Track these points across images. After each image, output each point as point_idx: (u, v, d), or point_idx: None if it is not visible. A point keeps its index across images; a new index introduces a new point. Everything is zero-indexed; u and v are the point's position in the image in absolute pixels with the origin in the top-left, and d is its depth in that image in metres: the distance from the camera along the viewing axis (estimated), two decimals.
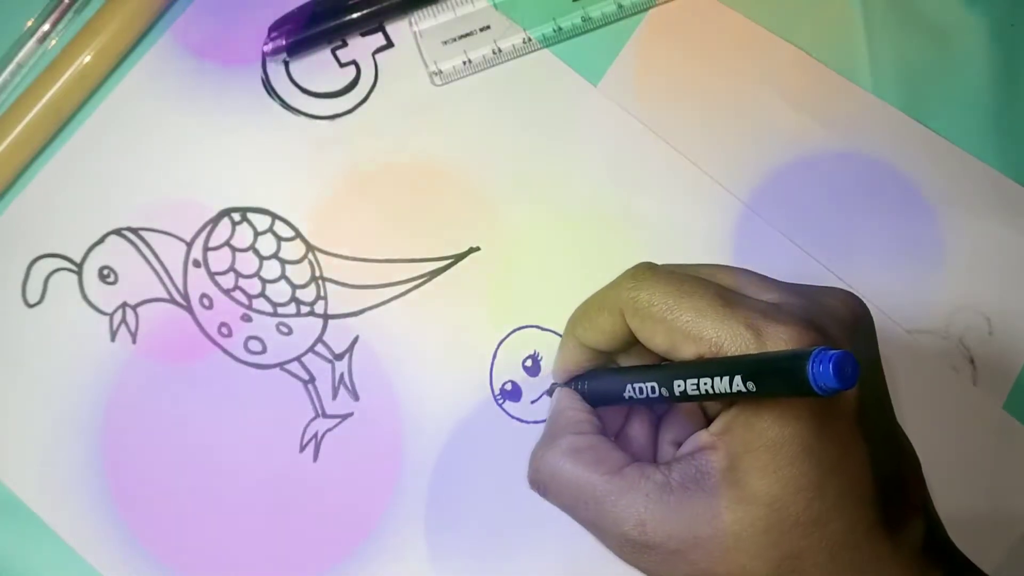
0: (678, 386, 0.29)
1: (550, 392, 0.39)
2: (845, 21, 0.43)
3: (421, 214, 0.41)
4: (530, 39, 0.42)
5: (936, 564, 0.29)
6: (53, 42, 0.41)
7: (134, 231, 0.40)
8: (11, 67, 0.41)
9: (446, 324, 0.40)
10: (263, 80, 0.41)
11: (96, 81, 0.41)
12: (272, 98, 0.41)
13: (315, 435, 0.39)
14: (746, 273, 0.31)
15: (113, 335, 0.40)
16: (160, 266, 0.40)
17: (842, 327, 0.29)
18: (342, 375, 0.40)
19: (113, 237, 0.40)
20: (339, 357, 0.40)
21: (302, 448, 0.39)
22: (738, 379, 0.26)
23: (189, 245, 0.40)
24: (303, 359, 0.40)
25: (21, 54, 0.41)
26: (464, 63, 0.41)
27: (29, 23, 0.41)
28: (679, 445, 0.32)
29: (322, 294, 0.40)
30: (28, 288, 0.40)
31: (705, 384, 0.27)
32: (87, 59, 0.40)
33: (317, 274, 0.40)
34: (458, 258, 0.41)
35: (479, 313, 0.40)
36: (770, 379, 0.25)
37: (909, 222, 0.41)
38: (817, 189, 0.41)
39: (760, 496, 0.27)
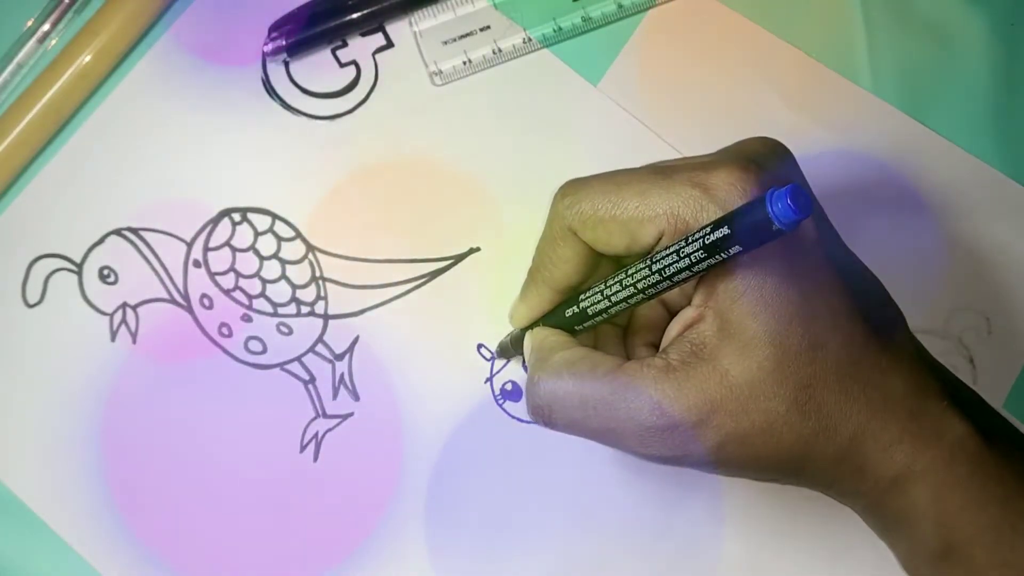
0: (646, 278, 0.29)
1: (499, 353, 0.39)
2: (845, 21, 0.43)
3: (421, 214, 0.41)
4: (530, 39, 0.42)
5: (932, 374, 0.30)
6: (53, 42, 0.41)
7: (134, 231, 0.40)
8: (11, 67, 0.41)
9: (446, 324, 0.40)
10: (263, 80, 0.41)
11: (96, 81, 0.41)
12: (272, 98, 0.41)
13: (315, 435, 0.39)
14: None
15: (113, 335, 0.40)
16: (160, 266, 0.40)
17: (771, 160, 0.30)
18: (342, 375, 0.40)
19: (113, 237, 0.40)
20: (339, 357, 0.40)
21: (302, 448, 0.39)
22: (714, 234, 0.26)
23: (189, 245, 0.40)
24: (303, 359, 0.40)
25: (21, 54, 0.41)
26: (464, 63, 0.41)
27: (29, 23, 0.41)
28: (655, 347, 0.32)
29: (322, 294, 0.40)
30: (28, 288, 0.40)
31: (672, 260, 0.27)
32: (87, 59, 0.40)
33: (317, 274, 0.40)
34: (458, 258, 0.41)
35: (479, 313, 0.40)
36: (741, 236, 0.26)
37: (909, 221, 0.41)
38: (817, 188, 0.41)
39: (759, 337, 0.28)
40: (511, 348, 0.38)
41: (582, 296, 0.32)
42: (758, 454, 0.28)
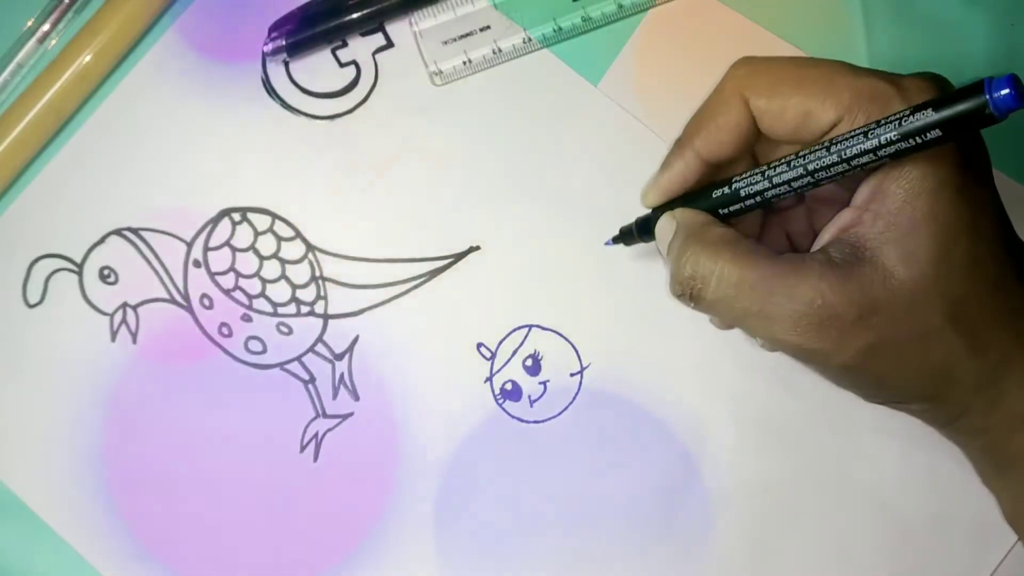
0: (829, 158, 0.27)
1: (620, 237, 0.36)
2: (845, 21, 0.43)
3: (421, 214, 0.41)
4: (530, 39, 0.42)
5: None
6: (53, 42, 0.41)
7: (134, 231, 0.40)
8: (11, 67, 0.41)
9: (446, 324, 0.40)
10: (263, 80, 0.41)
11: (96, 81, 0.41)
12: (272, 98, 0.41)
13: (315, 435, 0.39)
14: None
15: (113, 335, 0.40)
16: (160, 266, 0.40)
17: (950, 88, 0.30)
18: (342, 375, 0.40)
19: (113, 237, 0.40)
20: (339, 357, 0.40)
21: (302, 448, 0.39)
22: (915, 118, 0.25)
23: (189, 245, 0.40)
24: (303, 359, 0.40)
25: (21, 54, 0.41)
26: (464, 63, 0.41)
27: (29, 23, 0.41)
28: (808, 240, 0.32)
29: (322, 294, 0.40)
30: (29, 288, 0.40)
31: (868, 147, 0.26)
32: (87, 59, 0.40)
33: (317, 274, 0.40)
34: (458, 257, 0.41)
35: (479, 313, 0.40)
36: (948, 121, 0.25)
37: None
38: None
39: (927, 246, 0.27)
40: (635, 234, 0.35)
41: (736, 177, 0.30)
42: (906, 365, 0.28)
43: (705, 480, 0.39)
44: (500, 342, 0.40)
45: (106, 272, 0.40)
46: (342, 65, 0.42)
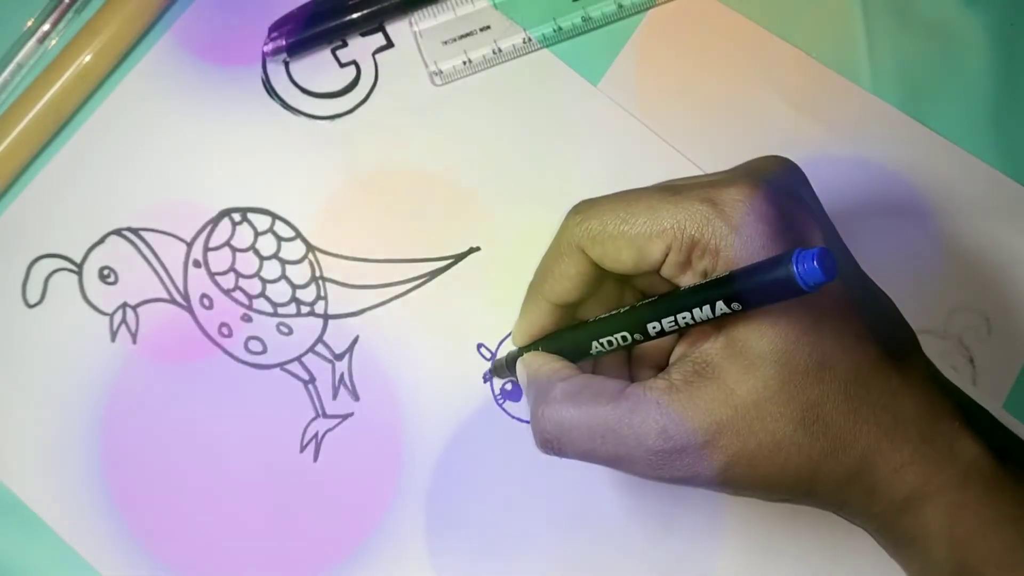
0: (653, 328, 0.29)
1: (494, 371, 0.39)
2: (845, 21, 0.43)
3: (421, 214, 0.41)
4: (530, 39, 0.42)
5: (945, 396, 0.30)
6: (53, 42, 0.41)
7: (134, 231, 0.40)
8: (11, 67, 0.41)
9: (446, 324, 0.40)
10: (263, 80, 0.41)
11: (96, 81, 0.41)
12: (272, 98, 0.41)
13: (315, 435, 0.39)
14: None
15: (113, 335, 0.40)
16: (160, 266, 0.40)
17: (782, 179, 0.30)
18: (342, 375, 0.40)
19: (113, 237, 0.40)
20: (339, 357, 0.40)
21: (302, 448, 0.39)
22: (720, 304, 0.26)
23: (189, 245, 0.40)
24: (303, 359, 0.40)
25: (21, 54, 0.41)
26: (464, 63, 0.41)
27: (29, 23, 0.41)
28: (659, 368, 0.32)
29: (322, 294, 0.40)
30: (28, 288, 0.40)
31: (684, 318, 0.28)
32: (87, 59, 0.40)
33: (317, 274, 0.40)
34: (458, 258, 0.41)
35: (479, 313, 0.40)
36: (755, 295, 0.26)
37: (908, 221, 0.41)
38: (816, 189, 0.42)
39: (765, 356, 0.27)
40: (506, 369, 0.37)
41: (583, 331, 0.32)
42: (766, 474, 0.28)
43: None
44: (500, 342, 0.40)
45: (106, 272, 0.40)
46: (342, 65, 0.42)
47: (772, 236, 0.28)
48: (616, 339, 0.30)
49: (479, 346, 0.40)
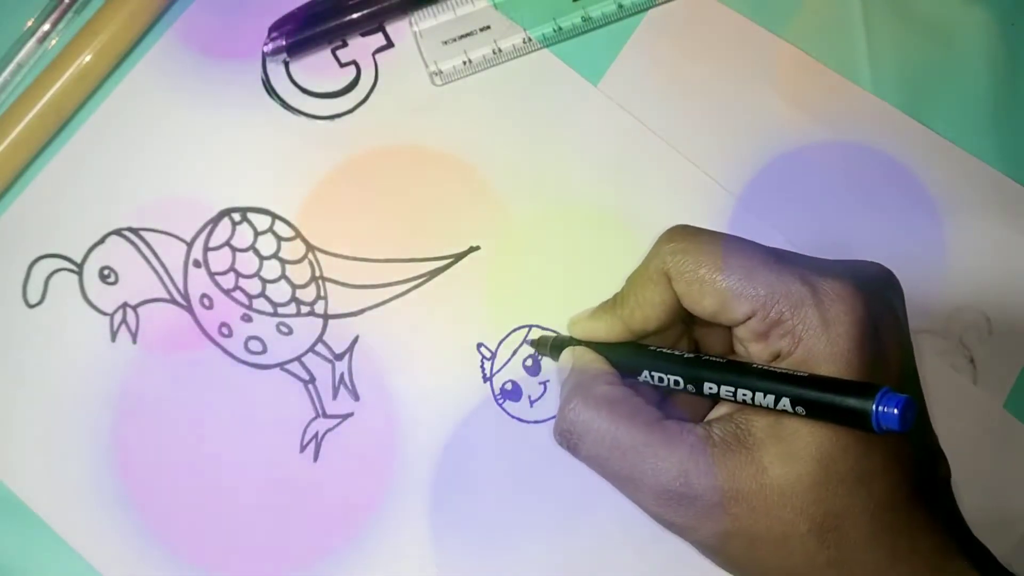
0: (710, 388, 0.28)
1: (536, 344, 0.38)
2: (845, 21, 0.43)
3: (421, 214, 0.41)
4: (530, 39, 0.42)
5: (958, 534, 0.29)
6: (53, 42, 0.41)
7: (134, 231, 0.40)
8: (11, 67, 0.41)
9: (446, 324, 0.40)
10: (263, 80, 0.41)
11: (96, 81, 0.41)
12: (272, 98, 0.41)
13: (315, 435, 0.39)
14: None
15: (113, 335, 0.40)
16: (160, 266, 0.40)
17: (884, 291, 0.29)
18: (342, 375, 0.40)
19: (113, 237, 0.40)
20: (339, 357, 0.40)
21: (302, 448, 0.39)
22: (786, 401, 0.26)
23: (189, 245, 0.40)
24: (303, 359, 0.40)
25: (21, 54, 0.41)
26: (464, 63, 0.41)
27: (29, 23, 0.41)
28: (691, 407, 0.32)
29: (322, 294, 0.40)
30: (29, 288, 0.40)
31: (744, 395, 0.27)
32: (87, 59, 0.40)
33: (317, 274, 0.40)
34: (458, 257, 0.41)
35: (479, 313, 0.40)
36: (824, 410, 0.25)
37: (909, 221, 0.41)
38: (817, 189, 0.42)
39: (809, 451, 0.27)
40: (548, 349, 0.37)
41: (641, 358, 0.31)
42: (761, 559, 0.28)
43: None
44: (500, 342, 0.40)
45: (106, 272, 0.40)
46: (342, 65, 0.42)
47: (859, 344, 0.27)
48: (668, 380, 0.30)
49: (479, 346, 0.40)
